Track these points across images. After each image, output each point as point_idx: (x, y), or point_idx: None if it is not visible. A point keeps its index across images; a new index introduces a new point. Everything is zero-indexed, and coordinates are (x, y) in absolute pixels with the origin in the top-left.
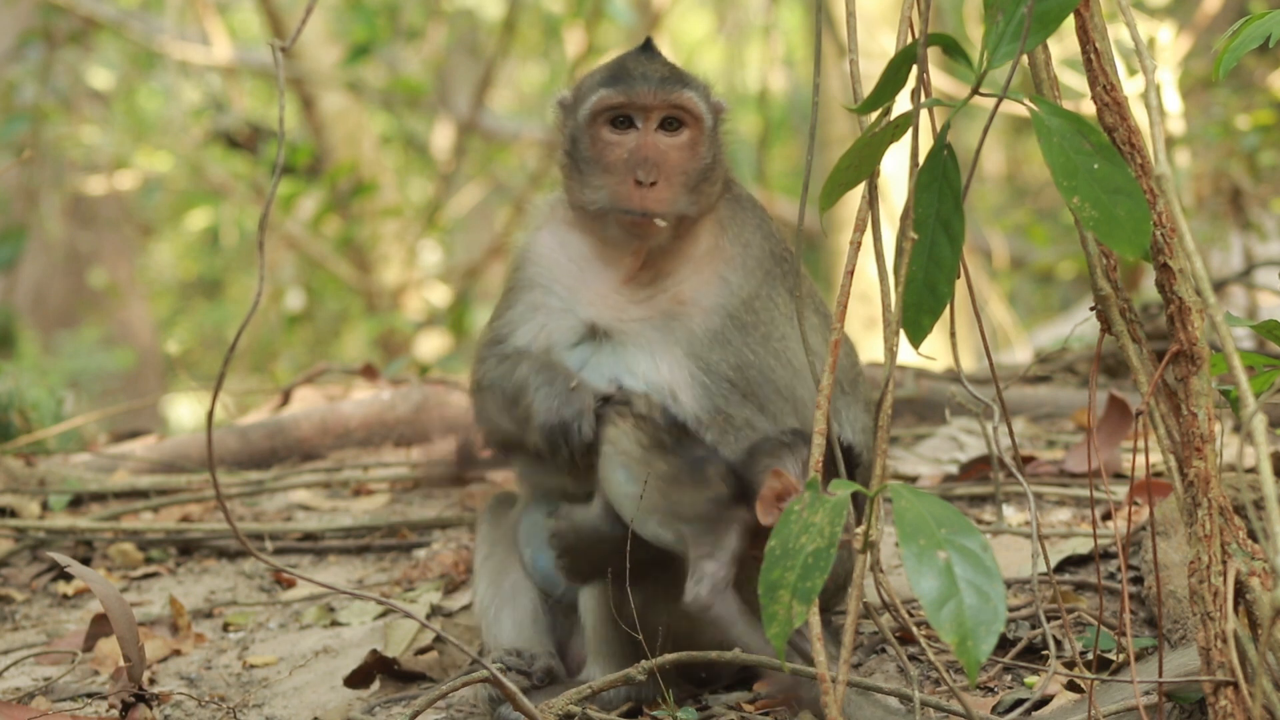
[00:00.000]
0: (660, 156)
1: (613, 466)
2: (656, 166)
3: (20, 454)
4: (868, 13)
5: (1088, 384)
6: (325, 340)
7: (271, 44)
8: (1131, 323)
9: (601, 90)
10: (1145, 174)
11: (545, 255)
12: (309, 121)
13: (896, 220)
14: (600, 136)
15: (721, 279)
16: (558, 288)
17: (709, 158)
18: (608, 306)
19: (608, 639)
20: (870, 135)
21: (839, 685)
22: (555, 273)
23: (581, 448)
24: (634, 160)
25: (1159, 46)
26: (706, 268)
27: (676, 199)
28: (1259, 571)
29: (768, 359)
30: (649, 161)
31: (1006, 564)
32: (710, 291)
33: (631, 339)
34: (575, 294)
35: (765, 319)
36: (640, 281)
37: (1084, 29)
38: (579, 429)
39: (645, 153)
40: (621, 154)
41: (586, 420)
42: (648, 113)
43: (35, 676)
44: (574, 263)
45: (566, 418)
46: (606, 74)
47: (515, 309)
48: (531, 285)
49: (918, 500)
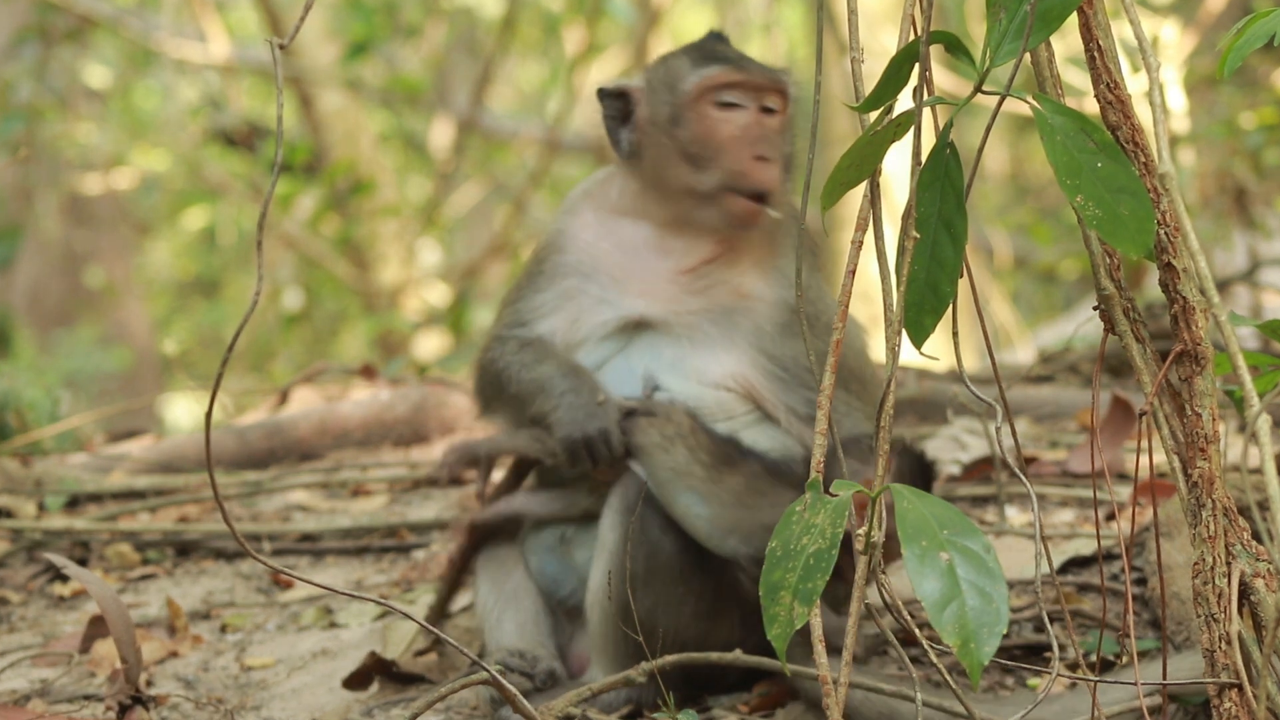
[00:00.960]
0: (772, 136)
1: (677, 492)
2: (773, 145)
3: (16, 454)
4: (869, 11)
5: (1091, 384)
6: (323, 340)
7: (269, 42)
8: (1135, 322)
9: (713, 67)
10: (1149, 173)
11: (586, 243)
12: (307, 120)
13: (898, 219)
14: (709, 114)
15: (778, 270)
16: (600, 277)
17: (791, 145)
18: (660, 298)
19: (613, 641)
20: (872, 134)
21: (840, 687)
22: (598, 261)
23: (608, 462)
24: (752, 137)
25: (1163, 44)
26: (766, 260)
27: (779, 180)
28: (1263, 573)
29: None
30: (767, 138)
31: (1009, 565)
32: (772, 284)
33: (686, 333)
34: (621, 284)
35: (822, 308)
36: (703, 274)
37: (1087, 27)
38: (607, 444)
39: (761, 130)
40: (735, 132)
41: (615, 437)
42: (758, 92)
43: (32, 678)
44: (621, 251)
45: (591, 433)
46: (702, 55)
47: (545, 294)
48: (567, 272)
49: (920, 501)
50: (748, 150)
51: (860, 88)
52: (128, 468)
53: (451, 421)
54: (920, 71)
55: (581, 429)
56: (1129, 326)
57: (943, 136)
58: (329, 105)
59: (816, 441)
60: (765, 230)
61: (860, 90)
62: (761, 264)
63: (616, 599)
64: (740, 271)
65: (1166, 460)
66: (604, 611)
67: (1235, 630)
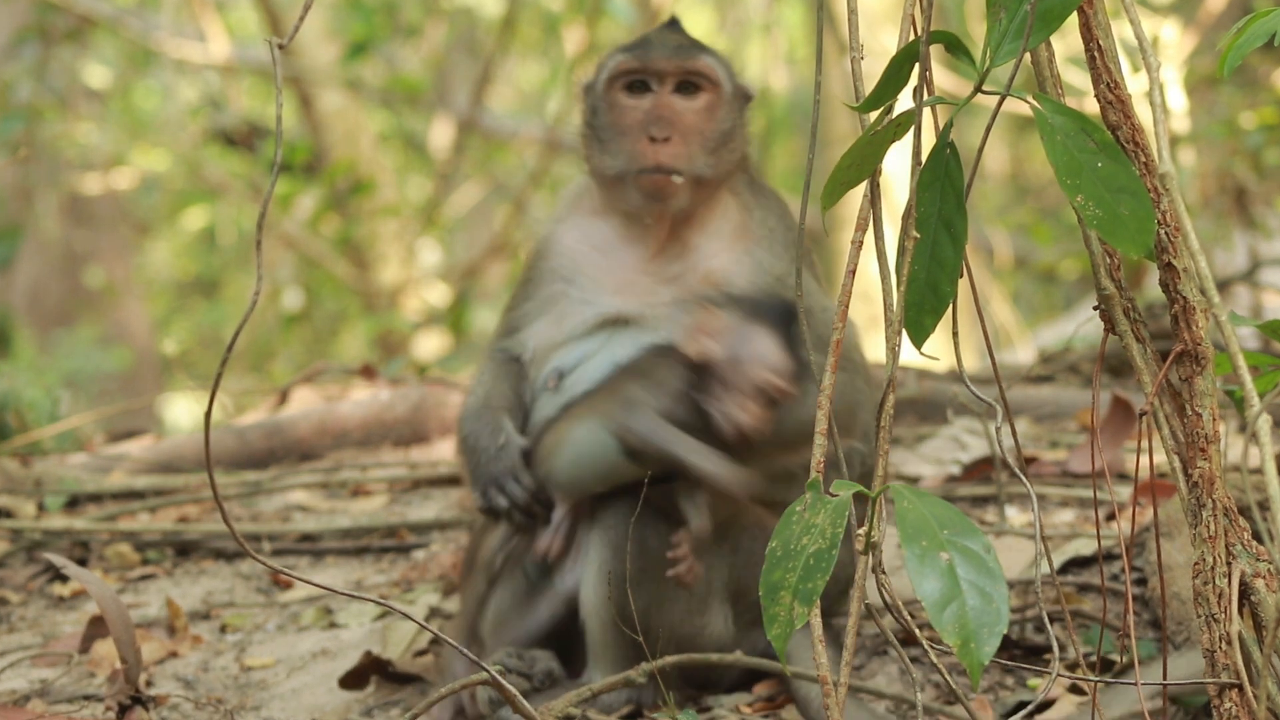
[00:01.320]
0: (675, 116)
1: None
2: (670, 124)
3: (16, 454)
4: (869, 10)
5: (1091, 384)
6: (323, 340)
7: (269, 41)
8: (1135, 322)
9: (619, 56)
10: (1149, 172)
11: (569, 247)
12: (307, 120)
13: (898, 219)
14: (617, 102)
15: (752, 257)
16: (581, 278)
17: (727, 123)
18: (635, 292)
19: (609, 641)
20: (872, 134)
21: (840, 688)
22: (579, 263)
23: (525, 503)
24: (648, 119)
25: (1163, 44)
26: (736, 245)
27: (693, 157)
28: (1264, 573)
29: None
30: (663, 119)
31: (1009, 565)
32: (742, 270)
33: (662, 324)
34: (600, 283)
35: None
36: (668, 257)
37: (1087, 26)
38: (517, 482)
39: (659, 111)
40: (638, 116)
41: (521, 476)
42: (663, 77)
43: (31, 678)
44: (598, 251)
45: (497, 478)
46: (626, 44)
47: (532, 301)
48: (553, 278)
49: (920, 501)
50: (644, 132)
51: (860, 88)
52: (127, 468)
53: (451, 422)
54: (920, 71)
55: (485, 481)
56: (1129, 326)
57: (943, 136)
58: (329, 105)
59: (816, 442)
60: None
61: (860, 90)
62: (732, 247)
63: (614, 600)
64: (709, 255)
65: (1167, 460)
66: (600, 613)
67: (1235, 630)
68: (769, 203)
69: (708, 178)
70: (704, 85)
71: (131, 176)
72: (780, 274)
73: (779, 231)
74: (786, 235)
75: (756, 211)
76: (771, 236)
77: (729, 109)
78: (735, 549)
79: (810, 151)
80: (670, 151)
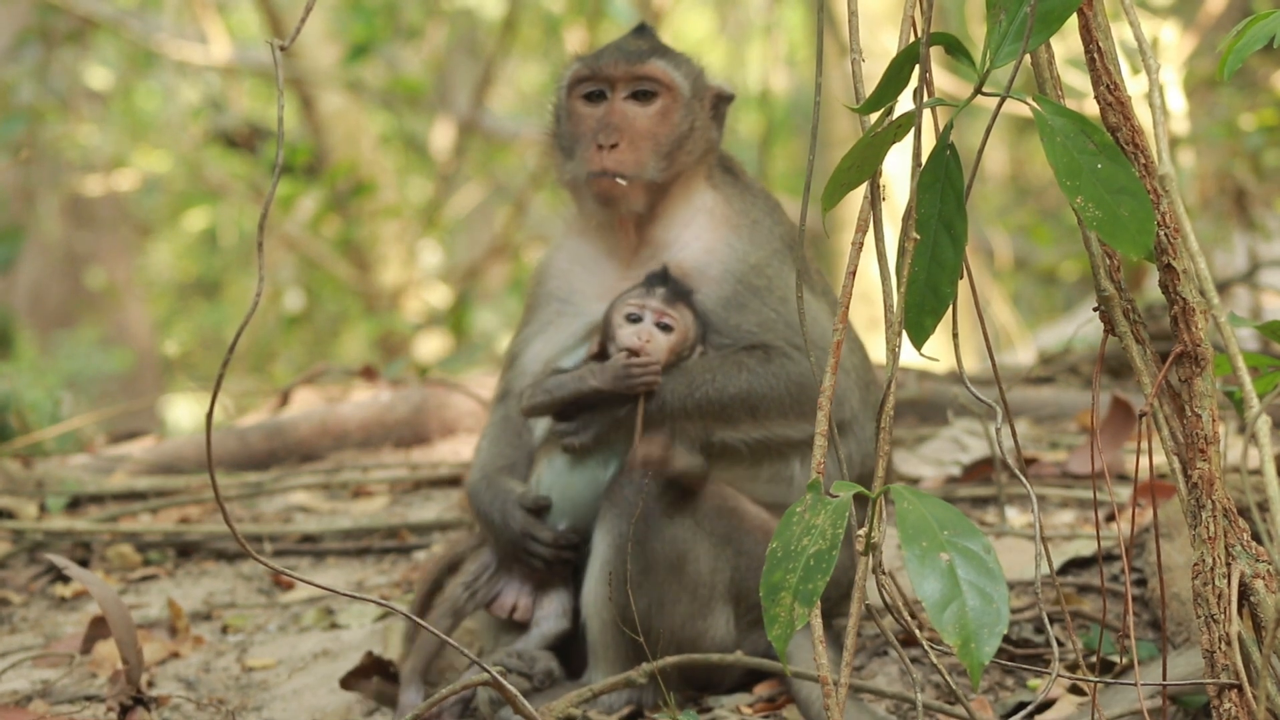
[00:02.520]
0: (625, 123)
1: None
2: (618, 130)
3: (18, 455)
4: (870, 12)
5: (1091, 385)
6: (324, 341)
7: (270, 43)
8: (1135, 323)
9: (575, 65)
10: (1149, 174)
11: (561, 269)
12: (308, 121)
13: (899, 220)
14: (575, 110)
15: (727, 245)
16: (574, 295)
17: (684, 126)
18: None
19: (610, 642)
20: (872, 135)
21: (840, 688)
22: (571, 282)
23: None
24: (599, 126)
25: (1162, 46)
26: (708, 235)
27: (642, 162)
28: (1263, 574)
29: (791, 316)
30: (610, 126)
31: (1009, 566)
32: (715, 260)
33: None
34: (586, 295)
35: (780, 284)
36: (642, 258)
37: (1087, 28)
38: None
39: (608, 119)
40: (592, 123)
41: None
42: (614, 83)
43: (33, 679)
44: (583, 266)
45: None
46: (585, 53)
47: (530, 326)
48: (548, 300)
49: (920, 502)
50: (594, 139)
51: (861, 89)
52: (129, 469)
53: (452, 423)
54: (920, 73)
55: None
56: (1129, 328)
57: (943, 138)
58: (330, 107)
59: (817, 442)
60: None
61: (861, 92)
62: (705, 237)
63: (616, 600)
64: (680, 248)
65: (1166, 461)
66: (602, 614)
67: (1235, 631)
68: (753, 199)
69: (661, 180)
70: (658, 90)
71: (133, 178)
72: (758, 261)
73: (764, 223)
74: (774, 228)
75: (737, 202)
76: (755, 226)
77: (687, 111)
78: (737, 551)
79: (811, 153)
80: (615, 157)
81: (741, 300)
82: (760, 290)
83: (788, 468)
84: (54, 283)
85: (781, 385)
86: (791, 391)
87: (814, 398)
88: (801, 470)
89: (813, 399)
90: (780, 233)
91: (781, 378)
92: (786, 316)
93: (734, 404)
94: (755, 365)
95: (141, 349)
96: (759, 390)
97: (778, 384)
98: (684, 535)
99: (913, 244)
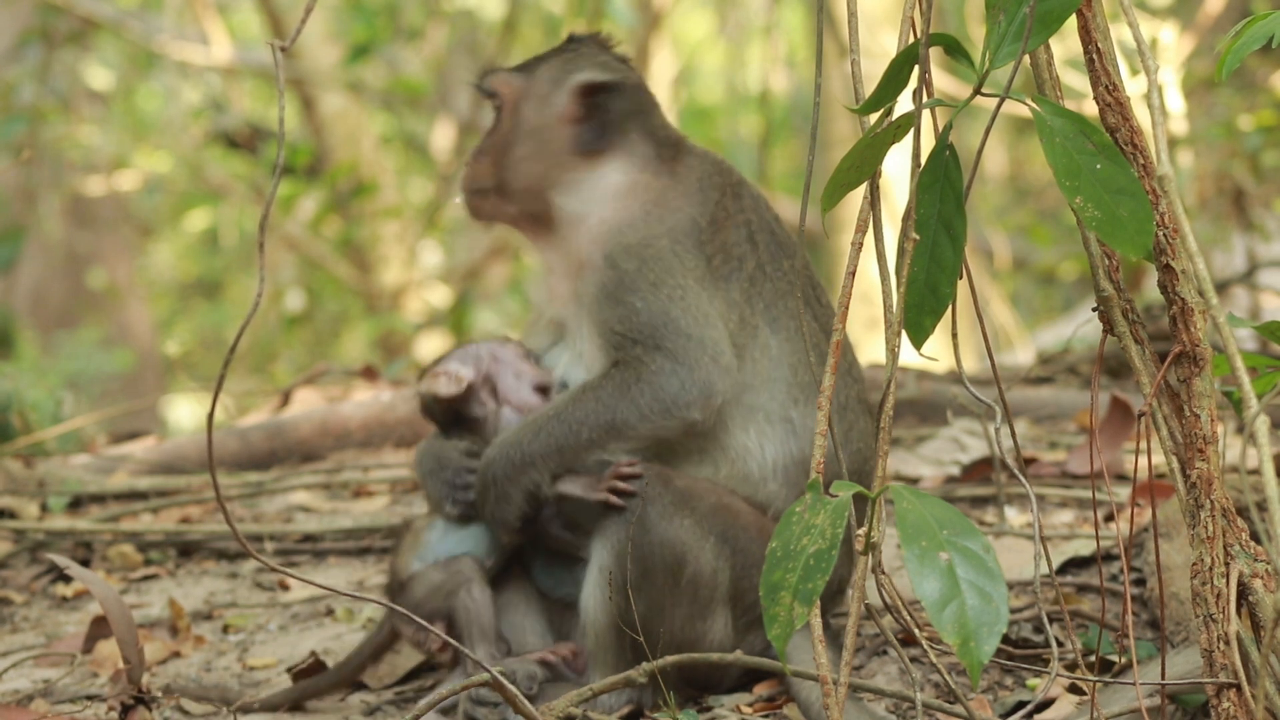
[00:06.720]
0: (484, 136)
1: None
2: (479, 146)
3: (19, 455)
4: (869, 13)
5: (1090, 385)
6: (325, 341)
7: (271, 44)
8: (1134, 324)
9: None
10: (1148, 174)
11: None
12: (309, 122)
13: (898, 221)
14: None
15: (609, 230)
16: (541, 301)
17: (530, 127)
18: (558, 296)
19: (609, 643)
20: (872, 136)
21: (840, 687)
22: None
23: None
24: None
25: (1161, 47)
26: (595, 222)
27: (476, 175)
28: (1261, 573)
29: (661, 304)
30: (477, 144)
31: (1009, 565)
32: (596, 248)
33: (571, 326)
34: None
35: (656, 267)
36: (561, 253)
37: (1086, 29)
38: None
39: (481, 135)
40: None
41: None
42: (489, 98)
43: (34, 679)
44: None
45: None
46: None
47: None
48: (539, 316)
49: (920, 502)
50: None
51: (860, 90)
52: (130, 469)
53: None
54: (920, 73)
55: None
56: (1128, 328)
57: (942, 138)
58: (331, 107)
59: (817, 442)
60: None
61: (860, 92)
62: (590, 230)
63: (616, 601)
64: (585, 233)
65: (1165, 461)
66: (601, 615)
67: (1233, 630)
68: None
69: (519, 185)
70: (500, 102)
71: (134, 178)
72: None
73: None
74: (681, 209)
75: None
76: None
77: (513, 116)
78: (735, 551)
79: (810, 153)
80: (468, 173)
81: (610, 290)
82: (628, 276)
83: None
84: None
85: (644, 401)
86: (655, 408)
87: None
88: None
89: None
90: (688, 215)
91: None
92: (654, 305)
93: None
94: (608, 395)
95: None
96: (620, 418)
97: (640, 401)
98: (683, 537)
99: (912, 244)
